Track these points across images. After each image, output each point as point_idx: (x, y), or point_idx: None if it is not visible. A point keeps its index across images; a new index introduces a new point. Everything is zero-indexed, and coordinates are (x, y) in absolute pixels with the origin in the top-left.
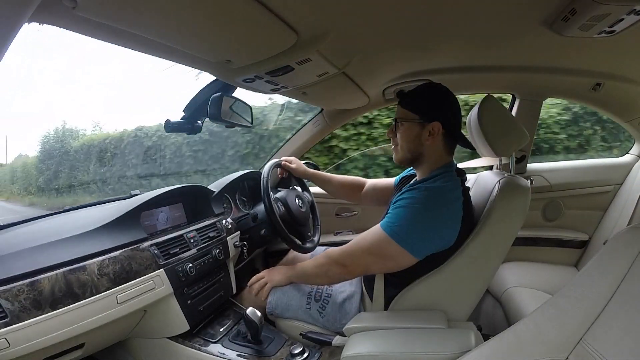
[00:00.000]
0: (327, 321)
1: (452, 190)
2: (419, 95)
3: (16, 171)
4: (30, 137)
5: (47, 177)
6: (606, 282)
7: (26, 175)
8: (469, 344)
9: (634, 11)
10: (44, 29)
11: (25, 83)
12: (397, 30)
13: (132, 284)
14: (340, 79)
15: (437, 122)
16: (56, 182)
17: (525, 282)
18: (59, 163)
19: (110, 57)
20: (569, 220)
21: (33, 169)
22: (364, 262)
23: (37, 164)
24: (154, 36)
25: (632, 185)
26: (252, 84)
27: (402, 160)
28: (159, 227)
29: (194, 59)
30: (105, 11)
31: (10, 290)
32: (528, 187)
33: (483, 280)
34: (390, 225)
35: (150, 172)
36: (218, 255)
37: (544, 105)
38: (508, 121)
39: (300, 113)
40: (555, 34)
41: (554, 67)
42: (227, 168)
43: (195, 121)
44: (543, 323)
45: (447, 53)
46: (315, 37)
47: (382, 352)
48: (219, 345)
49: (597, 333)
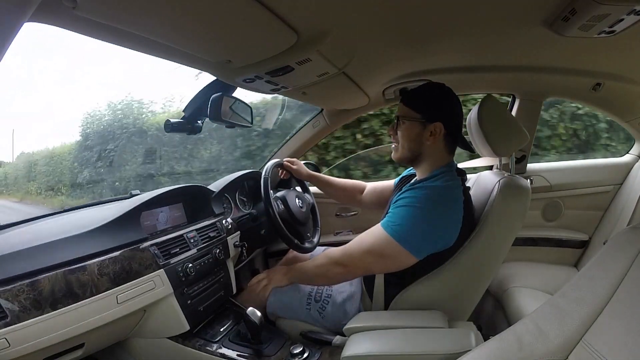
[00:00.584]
0: (327, 321)
1: (452, 189)
2: (423, 94)
3: (34, 166)
4: (30, 136)
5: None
6: (606, 282)
7: (52, 170)
8: (469, 344)
9: (634, 11)
10: (44, 29)
11: (25, 83)
12: (397, 30)
13: (132, 284)
14: (340, 79)
15: (439, 122)
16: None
17: (525, 282)
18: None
19: (110, 57)
20: (568, 220)
21: (66, 160)
22: (364, 263)
23: (77, 152)
24: (154, 36)
25: (632, 185)
26: (252, 84)
27: (401, 159)
28: (159, 227)
29: (194, 59)
30: (105, 11)
31: (10, 290)
32: (528, 187)
33: (483, 280)
34: (391, 225)
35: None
36: (218, 255)
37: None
38: (508, 121)
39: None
40: (555, 34)
41: (554, 67)
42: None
43: (195, 121)
44: (543, 323)
45: (447, 53)
46: (315, 37)
47: (382, 352)
48: (219, 345)
49: (597, 333)
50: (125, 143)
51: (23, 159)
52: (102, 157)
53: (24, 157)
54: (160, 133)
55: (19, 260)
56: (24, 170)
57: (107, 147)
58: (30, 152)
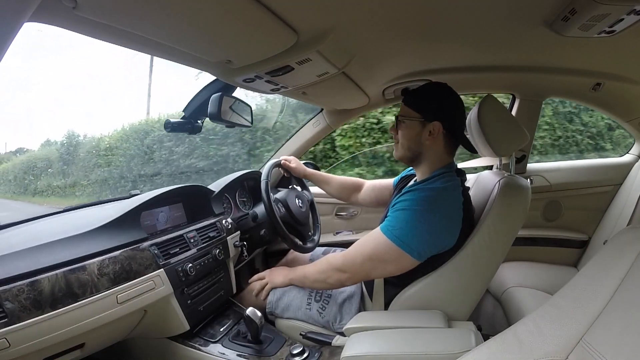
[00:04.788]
0: (327, 321)
1: (452, 191)
2: (422, 94)
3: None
4: (29, 136)
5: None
6: (606, 282)
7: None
8: (469, 344)
9: (634, 11)
10: (44, 28)
11: (25, 83)
12: (397, 30)
13: (132, 284)
14: (340, 79)
15: (438, 122)
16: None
17: (525, 282)
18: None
19: (110, 56)
20: (568, 220)
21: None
22: (365, 269)
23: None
24: (154, 36)
25: (632, 185)
26: (252, 84)
27: (401, 158)
28: (159, 227)
29: (194, 59)
30: (105, 11)
31: (10, 290)
32: (528, 187)
33: (483, 280)
34: (391, 229)
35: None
36: (218, 255)
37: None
38: (508, 121)
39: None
40: (555, 34)
41: (554, 67)
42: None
43: (195, 121)
44: (543, 323)
45: (446, 53)
46: (315, 37)
47: (382, 352)
48: (219, 345)
49: (597, 333)
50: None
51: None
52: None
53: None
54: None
55: (19, 260)
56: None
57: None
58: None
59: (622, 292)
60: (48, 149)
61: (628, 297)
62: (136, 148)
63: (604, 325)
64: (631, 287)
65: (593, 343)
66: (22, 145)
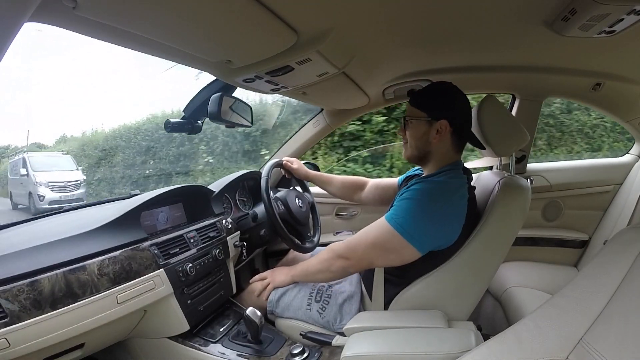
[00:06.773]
0: (327, 321)
1: (457, 186)
2: (428, 93)
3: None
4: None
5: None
6: (606, 282)
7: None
8: (469, 344)
9: (634, 11)
10: (44, 28)
11: (25, 83)
12: (397, 31)
13: (132, 284)
14: (340, 79)
15: (445, 120)
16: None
17: (525, 282)
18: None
19: (110, 57)
20: (569, 220)
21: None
22: (368, 256)
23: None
24: (154, 36)
25: (632, 185)
26: (252, 84)
27: (410, 158)
28: (159, 227)
29: (194, 59)
30: (105, 11)
31: (10, 290)
32: (528, 187)
33: (483, 280)
34: (395, 218)
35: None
36: (218, 255)
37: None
38: (508, 121)
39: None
40: (555, 34)
41: (554, 67)
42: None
43: (195, 121)
44: (543, 323)
45: (446, 53)
46: (315, 37)
47: (382, 352)
48: (219, 345)
49: (597, 333)
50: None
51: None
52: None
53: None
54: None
55: (19, 260)
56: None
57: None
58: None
59: (622, 291)
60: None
61: (628, 296)
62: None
63: (604, 325)
64: (631, 287)
65: (593, 343)
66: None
